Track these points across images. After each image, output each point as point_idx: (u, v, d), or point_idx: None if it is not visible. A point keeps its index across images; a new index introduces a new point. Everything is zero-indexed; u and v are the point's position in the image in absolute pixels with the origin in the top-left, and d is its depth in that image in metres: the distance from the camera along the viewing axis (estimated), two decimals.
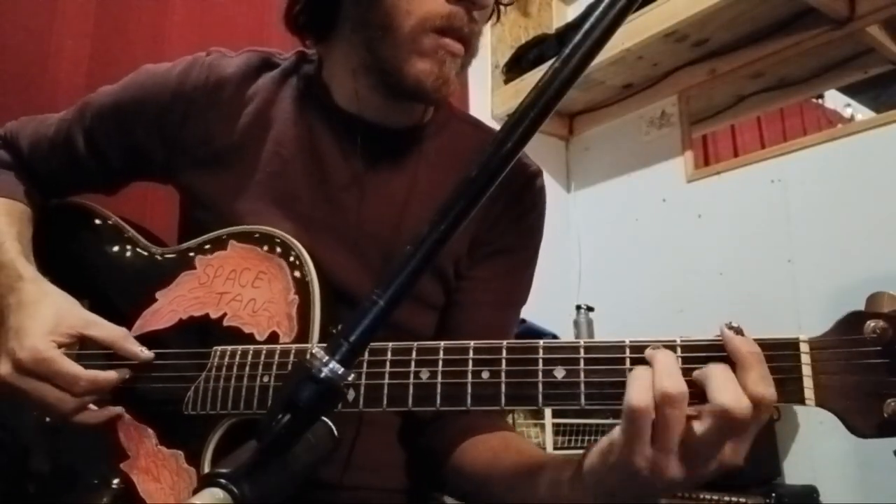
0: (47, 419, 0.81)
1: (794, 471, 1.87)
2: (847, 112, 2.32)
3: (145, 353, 0.77)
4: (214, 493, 0.43)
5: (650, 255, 2.51)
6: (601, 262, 2.69)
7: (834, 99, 2.33)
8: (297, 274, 0.76)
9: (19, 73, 1.63)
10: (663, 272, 2.45)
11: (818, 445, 1.83)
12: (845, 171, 2.02)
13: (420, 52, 0.78)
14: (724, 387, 0.52)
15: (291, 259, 0.77)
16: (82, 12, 1.75)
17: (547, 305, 1.09)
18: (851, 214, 1.98)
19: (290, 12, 0.89)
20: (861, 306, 0.54)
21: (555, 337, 2.25)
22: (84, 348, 0.78)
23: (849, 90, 2.28)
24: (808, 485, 1.80)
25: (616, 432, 0.55)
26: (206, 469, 0.70)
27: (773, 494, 1.69)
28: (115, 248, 0.89)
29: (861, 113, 2.26)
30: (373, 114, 0.88)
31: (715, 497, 1.74)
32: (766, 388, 0.52)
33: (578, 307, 2.48)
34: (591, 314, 2.47)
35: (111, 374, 0.76)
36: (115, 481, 0.76)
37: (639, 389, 0.53)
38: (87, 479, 0.79)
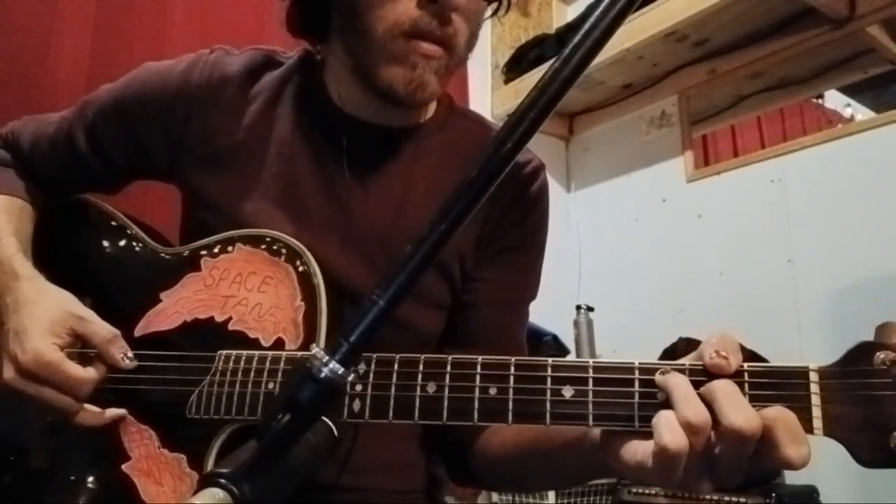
0: (48, 419, 0.81)
1: (794, 471, 1.87)
2: (847, 112, 2.32)
3: (127, 361, 0.76)
4: (214, 493, 0.43)
5: (650, 255, 2.51)
6: (601, 262, 2.70)
7: (834, 99, 2.33)
8: (304, 280, 0.76)
9: (19, 73, 1.63)
10: (663, 272, 2.45)
11: (818, 446, 1.83)
12: (845, 171, 2.02)
13: (391, 57, 0.78)
14: (732, 405, 0.52)
15: (298, 264, 0.77)
16: (82, 12, 1.75)
17: (547, 305, 1.09)
18: (851, 214, 1.98)
19: (288, 18, 0.90)
20: (861, 306, 0.55)
21: (555, 337, 2.25)
22: (86, 346, 0.77)
23: (849, 90, 2.28)
24: (808, 485, 1.80)
25: (647, 461, 0.55)
26: None
27: (773, 494, 1.69)
28: (120, 247, 0.89)
29: (861, 113, 2.26)
30: (370, 114, 0.88)
31: (715, 497, 1.73)
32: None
33: (578, 307, 2.47)
34: (591, 314, 2.47)
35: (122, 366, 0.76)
36: (116, 483, 0.76)
37: (670, 431, 0.52)
38: (88, 479, 0.79)
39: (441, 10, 0.77)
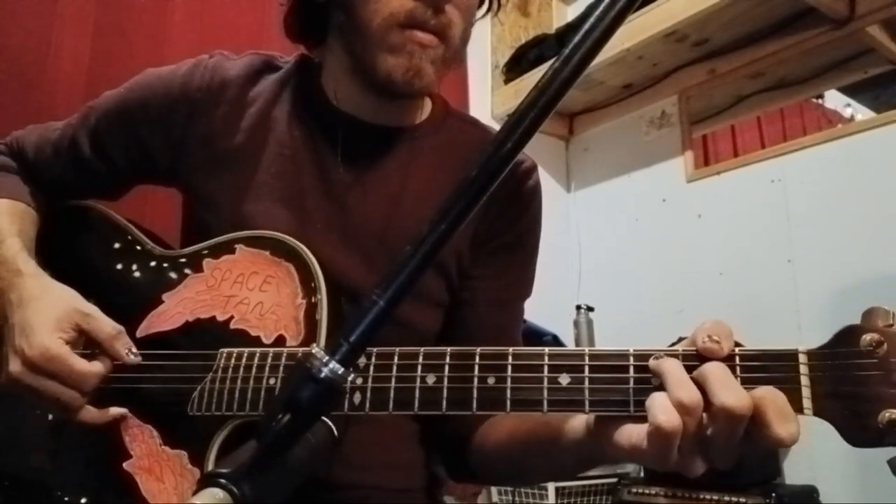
0: (49, 417, 0.82)
1: (794, 471, 1.87)
2: (847, 112, 2.32)
3: (132, 357, 0.77)
4: (214, 493, 0.43)
5: (650, 255, 2.52)
6: (601, 262, 2.70)
7: (834, 99, 2.33)
8: (305, 278, 0.76)
9: (19, 73, 1.64)
10: (663, 272, 2.45)
11: (818, 445, 1.83)
12: (845, 171, 2.02)
13: (389, 48, 0.81)
14: (723, 387, 0.53)
15: (299, 263, 0.77)
16: (82, 12, 1.75)
17: (547, 305, 1.10)
18: (851, 214, 1.98)
19: (286, 22, 0.92)
20: (861, 306, 0.55)
21: (555, 337, 2.26)
22: (90, 341, 0.78)
23: (849, 90, 2.28)
24: (808, 485, 1.80)
25: (642, 443, 0.56)
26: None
27: (773, 494, 1.69)
28: (122, 250, 0.89)
29: (861, 113, 2.26)
30: (367, 113, 0.90)
31: (715, 497, 1.74)
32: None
33: (578, 307, 2.48)
34: (591, 314, 2.47)
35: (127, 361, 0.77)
36: (117, 481, 0.76)
37: (664, 411, 0.53)
38: (89, 479, 0.79)
39: (435, 0, 0.79)
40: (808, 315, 2.01)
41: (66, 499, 0.79)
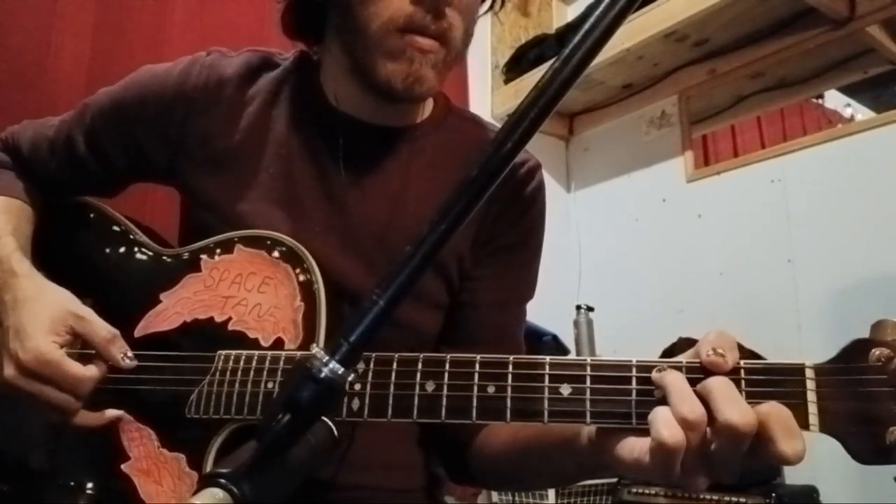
0: (47, 419, 0.81)
1: (794, 471, 1.87)
2: (847, 112, 2.32)
3: (127, 361, 0.76)
4: (214, 493, 0.43)
5: (650, 255, 2.52)
6: (601, 262, 2.70)
7: (834, 99, 2.34)
8: (303, 280, 0.76)
9: (19, 73, 1.64)
10: (663, 272, 2.45)
11: (818, 445, 1.82)
12: (845, 171, 2.02)
13: (388, 53, 0.79)
14: (727, 402, 0.52)
15: (298, 265, 0.77)
16: (82, 12, 1.75)
17: (547, 305, 1.09)
18: (851, 214, 1.98)
19: (284, 20, 0.90)
20: (861, 306, 0.55)
21: (555, 337, 2.25)
22: (85, 345, 0.77)
23: (849, 90, 2.29)
24: (808, 485, 1.80)
25: (644, 457, 0.55)
26: None
27: (773, 494, 1.69)
28: (120, 248, 0.89)
29: (861, 113, 2.26)
30: (366, 114, 0.89)
31: (715, 497, 1.74)
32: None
33: (578, 307, 2.48)
34: (591, 314, 2.47)
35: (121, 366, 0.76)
36: (115, 483, 0.76)
37: (667, 426, 0.52)
38: (87, 480, 0.79)
39: (435, 4, 0.77)
40: (808, 315, 2.01)
41: (70, 483, 0.78)
